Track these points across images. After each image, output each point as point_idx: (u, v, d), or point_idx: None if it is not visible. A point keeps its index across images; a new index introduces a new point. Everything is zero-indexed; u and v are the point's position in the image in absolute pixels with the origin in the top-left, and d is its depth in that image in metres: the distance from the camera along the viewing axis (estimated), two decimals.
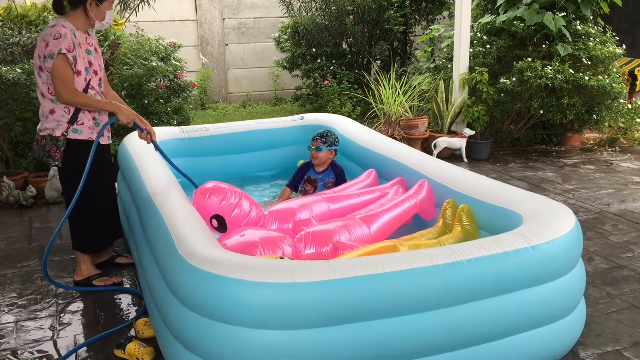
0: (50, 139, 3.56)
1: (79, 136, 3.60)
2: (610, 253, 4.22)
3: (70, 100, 3.50)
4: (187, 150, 5.17)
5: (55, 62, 3.43)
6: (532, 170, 6.39)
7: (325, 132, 4.62)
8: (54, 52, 3.43)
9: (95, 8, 3.58)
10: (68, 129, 3.57)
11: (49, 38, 3.47)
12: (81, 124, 3.60)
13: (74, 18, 3.58)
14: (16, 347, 3.15)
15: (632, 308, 3.46)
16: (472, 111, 6.76)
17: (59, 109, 3.56)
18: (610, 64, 6.89)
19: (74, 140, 3.59)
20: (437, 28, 8.17)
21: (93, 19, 3.60)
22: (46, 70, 3.50)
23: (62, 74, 3.45)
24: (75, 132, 3.59)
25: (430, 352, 2.59)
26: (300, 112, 9.02)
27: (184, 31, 10.12)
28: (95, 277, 3.84)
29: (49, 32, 3.49)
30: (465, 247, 2.68)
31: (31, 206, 5.36)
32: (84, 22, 3.60)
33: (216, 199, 3.47)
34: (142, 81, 6.13)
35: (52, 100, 3.56)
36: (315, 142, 4.57)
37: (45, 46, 3.46)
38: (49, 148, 3.56)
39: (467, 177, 3.76)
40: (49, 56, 3.45)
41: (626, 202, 5.29)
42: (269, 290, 2.40)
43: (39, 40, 3.52)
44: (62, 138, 3.56)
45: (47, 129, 3.57)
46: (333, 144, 4.59)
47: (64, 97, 3.47)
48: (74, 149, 3.59)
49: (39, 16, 6.46)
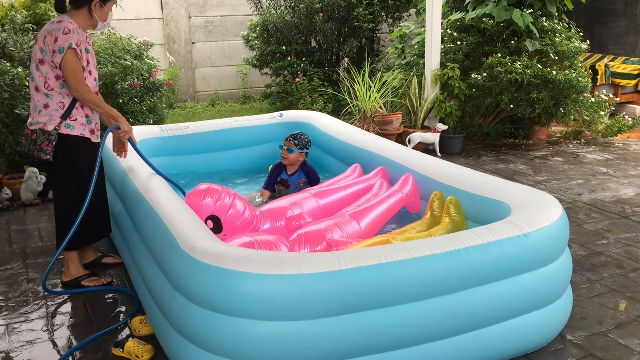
0: (42, 132, 3.55)
1: (71, 131, 3.60)
2: (586, 240, 4.38)
3: (82, 96, 3.52)
4: (167, 149, 5.15)
5: (66, 56, 3.45)
6: (504, 163, 6.56)
7: (298, 135, 4.62)
8: (64, 46, 3.44)
9: (100, 9, 3.60)
10: (60, 123, 3.56)
11: (57, 33, 3.46)
12: (74, 119, 3.60)
13: (77, 17, 3.58)
14: (9, 350, 3.11)
15: (612, 292, 3.61)
16: (444, 106, 6.90)
17: (53, 103, 3.55)
18: (575, 58, 7.13)
19: (66, 136, 3.59)
20: (407, 25, 8.29)
21: (96, 19, 3.62)
22: (49, 64, 3.50)
23: (74, 68, 3.48)
24: (67, 127, 3.59)
25: (431, 338, 2.67)
26: (271, 110, 9.03)
27: (149, 29, 10.00)
28: (84, 278, 3.80)
29: (56, 27, 3.48)
30: (461, 236, 2.77)
31: (7, 208, 5.25)
32: (86, 22, 3.61)
33: (211, 199, 3.50)
34: (115, 80, 6.07)
35: (47, 95, 3.55)
36: (288, 143, 4.57)
37: (54, 41, 3.46)
38: (40, 142, 3.54)
39: (453, 170, 3.86)
40: (58, 50, 3.45)
41: (596, 192, 5.49)
42: (276, 282, 2.44)
43: (44, 35, 3.50)
44: (54, 132, 3.55)
45: (39, 122, 3.56)
46: (305, 147, 4.61)
47: (78, 91, 3.50)
48: (65, 144, 3.59)
49: (6, 15, 6.34)
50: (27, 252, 4.35)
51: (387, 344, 2.59)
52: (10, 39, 5.86)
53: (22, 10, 6.36)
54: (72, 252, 3.80)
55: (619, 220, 4.77)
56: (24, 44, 5.87)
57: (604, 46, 10.06)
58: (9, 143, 5.56)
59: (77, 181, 3.66)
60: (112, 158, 4.29)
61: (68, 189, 3.68)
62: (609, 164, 6.46)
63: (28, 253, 4.34)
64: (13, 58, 5.77)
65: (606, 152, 6.96)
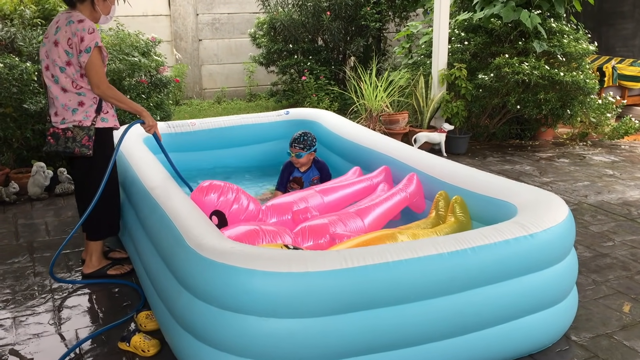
0: (80, 129, 3.59)
1: (106, 124, 3.68)
2: (592, 242, 4.38)
3: (105, 92, 3.56)
4: (174, 145, 5.15)
5: (92, 55, 3.48)
6: (510, 164, 6.56)
7: (301, 137, 4.54)
8: (91, 45, 3.48)
9: (102, 2, 3.62)
10: (96, 118, 3.62)
11: (83, 33, 3.47)
12: (106, 112, 3.68)
13: (83, 12, 3.59)
14: (16, 342, 3.13)
15: (618, 294, 3.61)
16: (451, 106, 6.90)
17: (87, 100, 3.60)
18: (583, 60, 7.12)
19: (102, 129, 3.66)
20: (414, 25, 8.29)
21: (99, 12, 3.63)
22: (75, 65, 3.52)
23: (97, 65, 3.52)
24: (103, 120, 3.66)
25: (436, 337, 2.68)
26: (276, 108, 9.04)
27: (156, 26, 10.02)
28: (109, 267, 3.86)
29: (79, 27, 3.48)
30: (468, 236, 2.77)
31: (14, 203, 5.28)
32: (90, 16, 3.61)
33: (214, 195, 3.52)
34: (123, 76, 6.09)
35: (79, 93, 3.58)
36: (295, 149, 4.51)
37: (81, 41, 3.47)
38: (80, 138, 3.58)
39: (459, 170, 3.86)
40: (85, 50, 3.47)
41: (602, 194, 5.49)
42: (282, 279, 2.45)
43: (67, 37, 3.49)
44: (92, 127, 3.61)
45: (75, 120, 3.59)
46: (311, 146, 4.55)
47: (99, 88, 3.54)
48: (102, 137, 3.67)
49: (15, 10, 6.35)
50: (34, 246, 4.37)
51: (392, 343, 2.60)
52: (19, 34, 5.87)
53: (31, 5, 6.38)
54: (98, 243, 3.84)
55: (625, 223, 4.76)
56: (32, 38, 5.89)
57: (611, 48, 10.05)
58: (16, 137, 5.59)
59: (116, 171, 3.79)
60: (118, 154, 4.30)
61: (111, 179, 3.71)
62: (615, 166, 6.45)
63: (35, 247, 4.36)
64: (22, 53, 5.78)
65: (612, 154, 6.95)
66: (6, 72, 5.29)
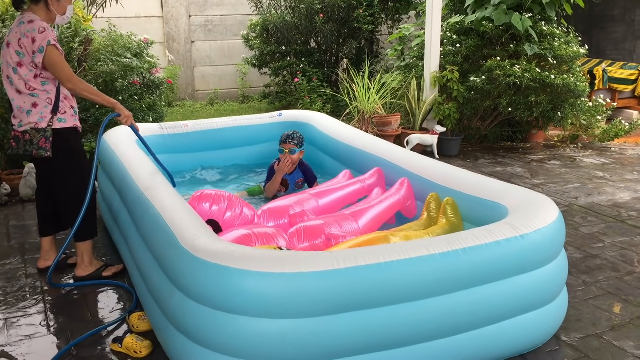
0: (35, 131, 3.56)
1: (64, 124, 3.64)
2: (582, 243, 4.41)
3: (78, 85, 3.56)
4: (166, 147, 5.17)
5: (48, 53, 3.47)
6: (501, 165, 6.59)
7: (293, 134, 4.58)
8: (43, 45, 3.46)
9: (56, 2, 3.60)
10: (52, 119, 3.59)
11: (33, 33, 3.45)
12: (63, 112, 3.65)
13: (37, 13, 3.56)
14: (8, 344, 3.12)
15: (607, 294, 3.64)
16: (442, 108, 6.93)
17: (40, 101, 3.57)
18: (573, 63, 7.17)
19: (60, 130, 3.62)
20: (406, 27, 8.32)
21: (54, 12, 3.61)
22: (28, 65, 3.49)
23: (59, 62, 3.51)
24: (60, 121, 3.63)
25: (428, 337, 2.69)
26: (269, 109, 9.05)
27: (149, 27, 10.03)
28: (103, 269, 3.85)
29: (29, 27, 3.47)
30: (459, 237, 2.79)
31: (5, 204, 5.27)
32: (45, 17, 3.59)
33: (206, 204, 3.54)
34: (115, 77, 6.08)
35: (32, 94, 3.55)
36: (288, 145, 4.53)
37: (32, 41, 3.45)
38: (37, 140, 3.55)
39: (451, 172, 3.88)
40: (37, 50, 3.45)
41: (592, 196, 5.53)
42: (274, 280, 2.46)
43: (17, 37, 3.48)
44: (48, 129, 3.57)
45: (31, 122, 3.56)
46: (302, 143, 4.61)
47: (71, 82, 3.54)
48: (61, 138, 3.62)
49: (6, 11, 6.33)
50: (25, 248, 4.36)
51: (384, 343, 2.61)
52: None
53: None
54: (87, 242, 3.82)
55: (614, 224, 4.80)
56: None
57: (602, 51, 10.12)
58: (7, 139, 5.57)
59: (82, 171, 3.73)
60: (111, 153, 4.31)
61: (76, 180, 3.71)
62: (606, 168, 6.50)
63: (26, 248, 4.35)
64: None
65: (603, 157, 7.00)
66: None
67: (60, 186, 3.74)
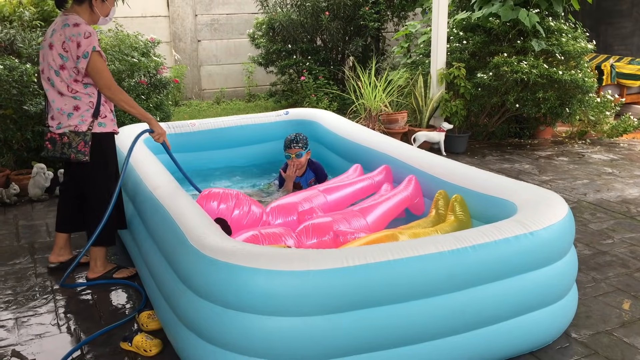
0: (75, 135, 3.55)
1: (104, 129, 3.63)
2: (591, 240, 4.40)
3: (116, 94, 3.55)
4: (174, 146, 5.12)
5: (92, 59, 3.45)
6: (509, 162, 6.57)
7: (296, 138, 4.57)
8: (88, 50, 3.44)
9: (101, 3, 3.58)
10: (93, 122, 3.58)
11: (78, 38, 3.44)
12: (104, 117, 3.63)
13: (80, 14, 3.55)
14: (19, 343, 3.14)
15: (617, 291, 3.62)
16: (450, 105, 6.91)
17: (83, 104, 3.56)
18: (581, 59, 7.13)
19: (100, 134, 3.61)
20: (413, 24, 8.30)
21: (98, 14, 3.60)
22: (70, 70, 3.48)
23: (101, 69, 3.49)
24: (100, 125, 3.61)
25: (437, 335, 2.69)
26: (276, 108, 9.06)
27: (155, 27, 10.04)
28: (115, 271, 3.85)
29: (75, 31, 3.45)
30: (468, 234, 2.79)
31: (15, 204, 5.29)
32: (88, 18, 3.58)
33: (214, 203, 3.54)
34: (122, 77, 6.10)
35: (75, 97, 3.54)
36: (294, 150, 4.51)
37: (77, 46, 3.44)
38: (76, 144, 3.54)
39: (459, 169, 3.87)
40: (82, 56, 3.44)
41: (601, 192, 5.50)
42: (284, 278, 2.46)
43: (61, 40, 3.46)
44: (89, 132, 3.56)
45: (71, 125, 3.55)
46: (308, 144, 4.60)
47: (111, 90, 3.53)
48: (99, 142, 3.62)
49: (14, 12, 6.36)
50: (35, 247, 4.38)
51: (393, 341, 2.61)
52: (19, 36, 5.88)
53: (30, 7, 6.39)
54: (102, 248, 3.81)
55: (624, 220, 4.78)
56: (32, 40, 5.90)
57: (609, 47, 10.06)
58: (17, 139, 5.60)
59: (115, 177, 3.74)
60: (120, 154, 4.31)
61: (108, 186, 3.69)
62: (614, 164, 6.47)
63: (36, 248, 4.37)
64: (21, 54, 5.80)
65: (611, 153, 6.96)
66: (6, 74, 5.31)
67: (92, 190, 3.71)
